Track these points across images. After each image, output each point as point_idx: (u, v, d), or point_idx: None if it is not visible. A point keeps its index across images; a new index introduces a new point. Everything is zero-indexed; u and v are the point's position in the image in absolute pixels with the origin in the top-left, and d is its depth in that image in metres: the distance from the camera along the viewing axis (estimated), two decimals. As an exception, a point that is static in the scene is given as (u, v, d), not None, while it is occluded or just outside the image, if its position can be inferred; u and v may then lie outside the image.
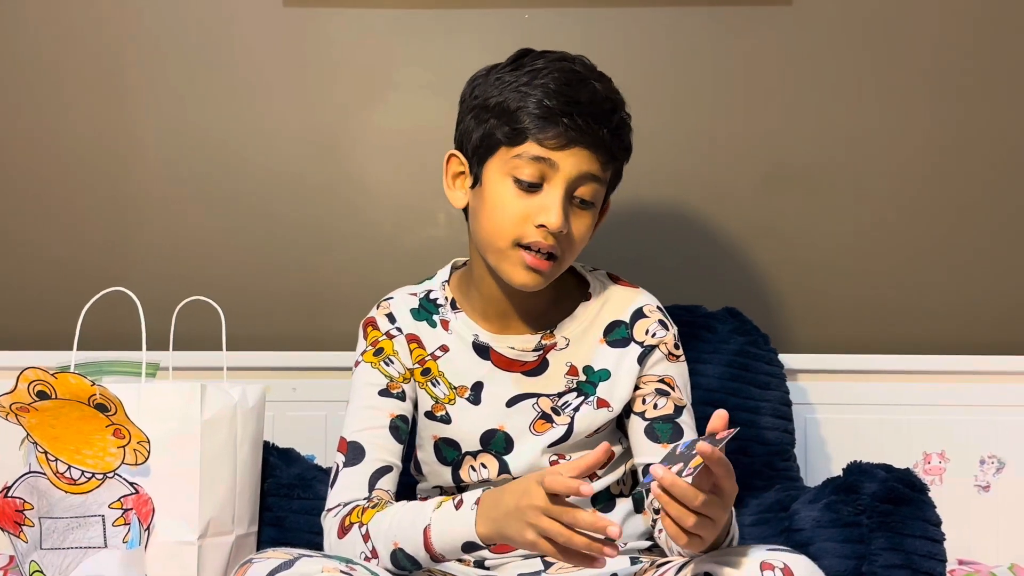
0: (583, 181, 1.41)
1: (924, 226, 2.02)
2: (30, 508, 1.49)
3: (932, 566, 1.52)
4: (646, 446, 1.47)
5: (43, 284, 2.00)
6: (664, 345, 1.50)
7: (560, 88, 1.40)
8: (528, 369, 1.49)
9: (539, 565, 1.47)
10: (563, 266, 1.44)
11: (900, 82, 2.01)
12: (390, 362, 1.50)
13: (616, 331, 1.51)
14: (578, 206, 1.42)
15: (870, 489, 1.54)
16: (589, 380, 1.49)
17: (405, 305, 1.54)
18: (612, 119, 1.42)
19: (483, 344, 1.50)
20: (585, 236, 1.44)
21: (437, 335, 1.51)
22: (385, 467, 1.46)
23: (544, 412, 1.48)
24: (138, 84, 2.01)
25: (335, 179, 2.03)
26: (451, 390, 1.50)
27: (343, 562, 1.28)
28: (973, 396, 1.97)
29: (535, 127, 1.39)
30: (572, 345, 1.50)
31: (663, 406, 1.48)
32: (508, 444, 1.48)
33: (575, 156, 1.40)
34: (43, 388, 1.43)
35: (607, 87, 1.45)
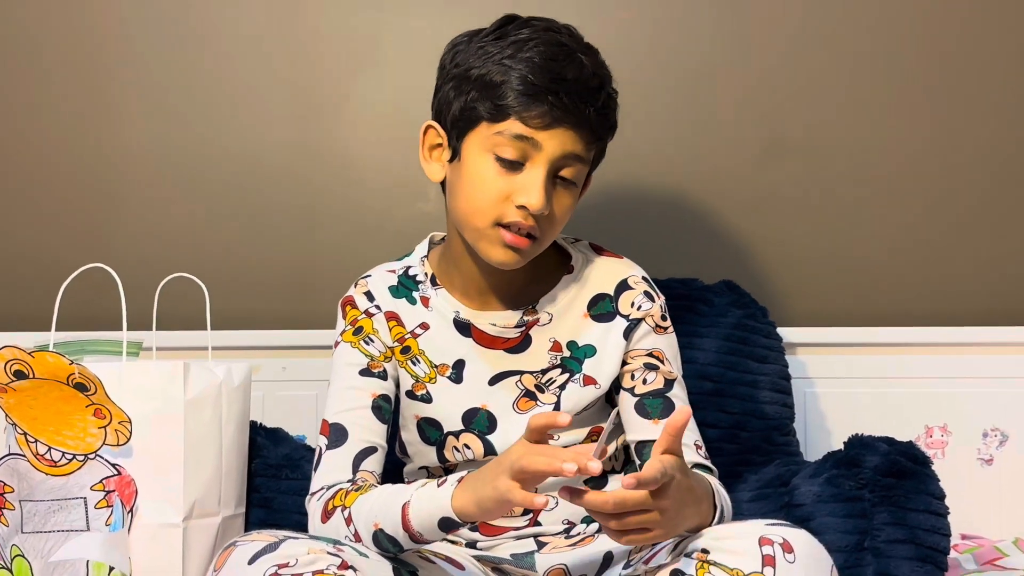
0: (567, 161, 1.37)
1: (922, 197, 2.00)
2: (10, 491, 1.46)
3: (936, 540, 1.50)
4: (637, 423, 1.44)
5: (21, 263, 1.97)
6: (651, 318, 1.46)
7: (545, 63, 1.36)
8: (511, 346, 1.46)
9: (532, 545, 1.44)
10: (543, 245, 1.41)
11: (899, 55, 1.99)
12: (370, 341, 1.47)
13: (600, 304, 1.47)
14: (560, 186, 1.38)
15: (872, 463, 1.52)
16: (574, 356, 1.46)
17: (383, 282, 1.50)
18: (599, 97, 1.38)
19: (464, 321, 1.46)
20: (566, 215, 1.40)
21: (417, 312, 1.48)
22: (369, 448, 1.42)
23: (528, 390, 1.45)
24: (118, 60, 1.98)
25: (322, 154, 2.00)
26: (432, 368, 1.46)
27: (330, 543, 1.25)
28: (975, 368, 1.95)
29: (519, 104, 1.35)
30: (556, 320, 1.46)
31: (652, 380, 1.45)
32: (491, 423, 1.45)
33: (559, 136, 1.36)
34: (20, 367, 1.41)
35: (594, 61, 1.40)
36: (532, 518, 1.44)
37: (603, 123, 1.39)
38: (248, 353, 1.88)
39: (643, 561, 1.32)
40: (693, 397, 1.58)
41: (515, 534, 1.45)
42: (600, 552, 1.42)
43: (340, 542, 1.27)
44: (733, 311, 1.79)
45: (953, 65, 1.99)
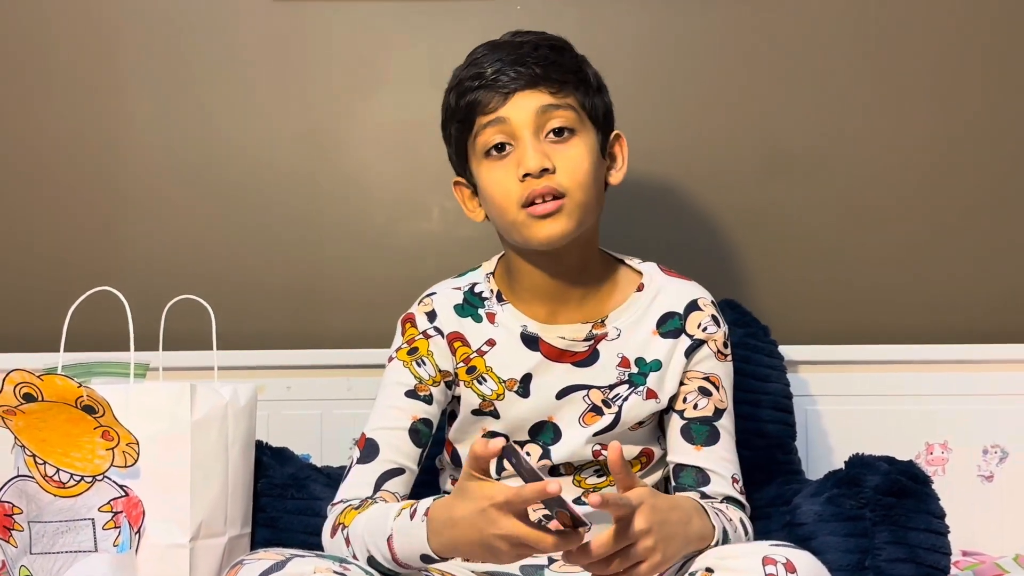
0: (542, 116, 1.40)
1: (925, 214, 2.01)
2: (19, 512, 1.47)
3: (936, 559, 1.50)
4: (680, 446, 1.46)
5: (30, 284, 1.99)
6: (714, 342, 1.48)
7: (483, 60, 1.43)
8: (578, 360, 1.47)
9: (543, 559, 1.45)
10: (580, 204, 1.40)
11: (901, 68, 2.00)
12: (422, 363, 1.47)
13: (669, 322, 1.49)
14: (555, 140, 1.40)
15: (873, 482, 1.52)
16: (641, 372, 1.47)
17: (448, 301, 1.50)
18: (538, 54, 1.41)
19: (532, 335, 1.47)
20: (583, 165, 1.40)
21: (483, 329, 1.48)
22: (396, 469, 1.43)
23: (595, 404, 1.46)
24: (127, 80, 1.99)
25: (327, 174, 2.01)
26: (500, 384, 1.47)
27: (336, 561, 1.26)
28: (975, 385, 1.96)
29: (474, 104, 1.41)
30: (624, 335, 1.47)
31: (703, 407, 1.46)
32: (556, 435, 1.46)
33: (520, 101, 1.40)
34: (29, 390, 1.41)
35: (531, 35, 1.45)
36: None
37: (558, 71, 1.41)
38: (253, 373, 1.89)
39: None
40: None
41: None
42: (609, 572, 1.43)
43: (346, 560, 1.29)
44: (735, 330, 1.79)
45: (957, 80, 2.00)
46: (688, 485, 1.44)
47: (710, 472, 1.45)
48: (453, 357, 1.47)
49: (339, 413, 1.91)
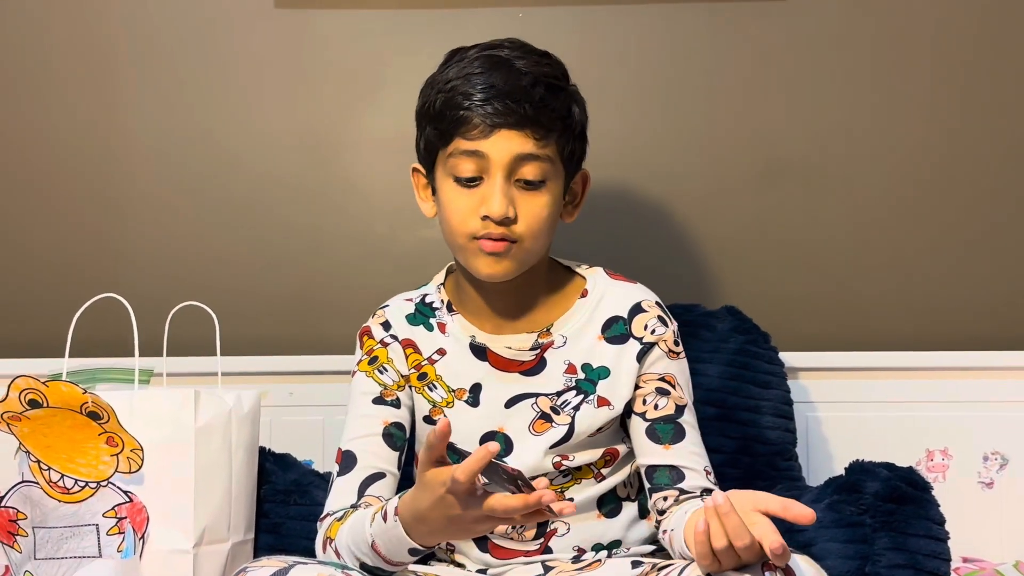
0: (520, 163, 1.40)
1: (925, 221, 2.02)
2: (24, 518, 1.48)
3: (936, 565, 1.51)
4: (648, 447, 1.46)
5: (35, 290, 2.00)
6: (664, 342, 1.49)
7: (476, 77, 1.40)
8: (526, 368, 1.48)
9: (539, 569, 1.46)
10: (529, 251, 1.42)
11: (897, 77, 2.01)
12: (384, 370, 1.50)
13: (614, 327, 1.49)
14: (524, 188, 1.41)
15: (873, 488, 1.53)
16: (588, 378, 1.48)
17: (401, 312, 1.53)
18: (533, 93, 1.39)
19: (480, 345, 1.49)
20: (543, 216, 1.42)
21: (434, 338, 1.50)
22: (377, 474, 1.45)
23: (543, 412, 1.47)
24: (129, 88, 2.00)
25: (328, 181, 2.02)
26: (449, 393, 1.49)
27: (339, 568, 1.27)
28: (976, 392, 1.96)
29: (458, 122, 1.40)
30: (570, 343, 1.49)
31: (664, 406, 1.47)
32: (508, 446, 1.47)
33: (502, 140, 1.39)
34: (35, 396, 1.42)
35: (530, 62, 1.42)
36: (543, 543, 1.47)
37: (548, 116, 1.40)
38: (256, 379, 1.90)
39: (650, 590, 1.35)
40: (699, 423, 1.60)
41: (524, 560, 1.47)
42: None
43: (348, 567, 1.30)
44: (735, 337, 1.81)
45: (955, 88, 2.01)
46: (664, 484, 1.45)
47: (683, 469, 1.45)
48: (406, 363, 1.50)
49: (341, 419, 1.88)
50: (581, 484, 1.48)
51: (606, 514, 1.49)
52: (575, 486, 1.47)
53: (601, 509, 1.49)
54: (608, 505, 1.49)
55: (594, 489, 1.48)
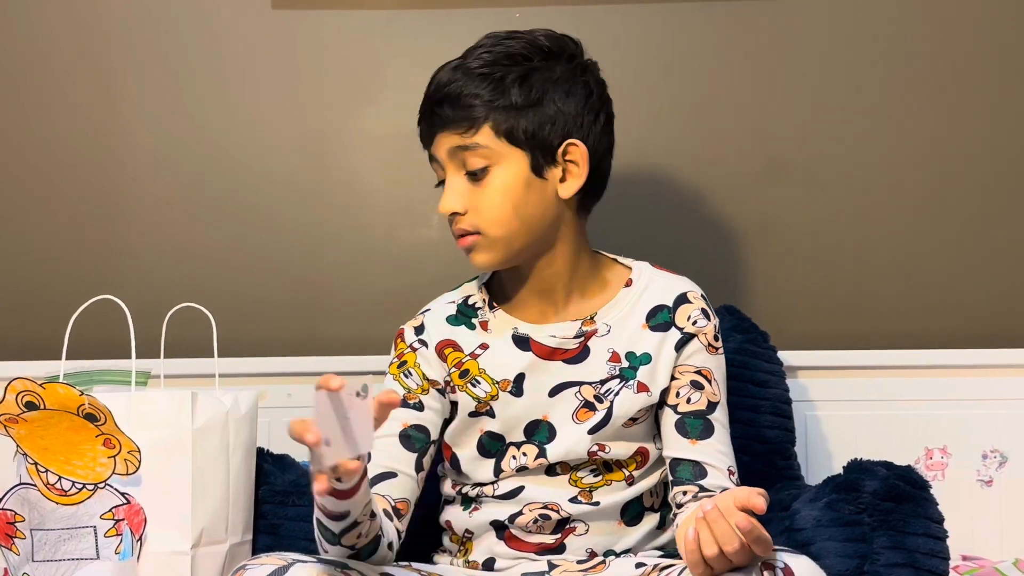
0: (458, 157, 1.45)
1: (923, 221, 2.02)
2: (21, 520, 1.48)
3: (935, 564, 1.51)
4: (675, 440, 1.47)
5: (31, 292, 2.00)
6: (704, 335, 1.49)
7: (428, 89, 1.49)
8: (569, 357, 1.48)
9: (544, 567, 1.47)
10: (500, 238, 1.44)
11: (899, 75, 2.01)
12: (409, 375, 1.52)
13: (659, 315, 1.50)
14: (470, 180, 1.44)
15: (871, 487, 1.53)
16: (631, 366, 1.48)
17: (441, 314, 1.54)
18: (453, 94, 1.44)
19: (523, 336, 1.49)
20: (495, 202, 1.43)
21: (476, 336, 1.51)
22: (387, 472, 1.46)
23: (587, 400, 1.47)
24: (127, 89, 2.01)
25: (326, 182, 2.02)
26: (493, 385, 1.49)
27: (339, 567, 1.27)
28: (974, 390, 1.97)
29: (420, 136, 1.51)
30: (614, 331, 1.49)
31: (696, 401, 1.48)
32: (551, 434, 1.48)
33: (439, 142, 1.46)
34: (31, 399, 1.42)
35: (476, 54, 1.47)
36: (560, 539, 1.47)
37: (465, 107, 1.43)
38: (254, 380, 1.90)
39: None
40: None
41: (533, 555, 1.48)
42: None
43: (348, 565, 1.29)
44: (734, 336, 1.81)
45: (958, 88, 2.01)
46: (685, 479, 1.45)
47: (706, 465, 1.46)
48: (444, 364, 1.50)
49: None
50: (611, 486, 1.48)
51: (627, 522, 1.49)
52: (604, 487, 1.47)
53: (624, 516, 1.49)
54: (631, 513, 1.49)
55: (622, 494, 1.48)
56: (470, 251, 1.45)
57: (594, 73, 1.51)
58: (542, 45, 1.47)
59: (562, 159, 1.45)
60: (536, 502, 1.46)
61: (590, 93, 1.48)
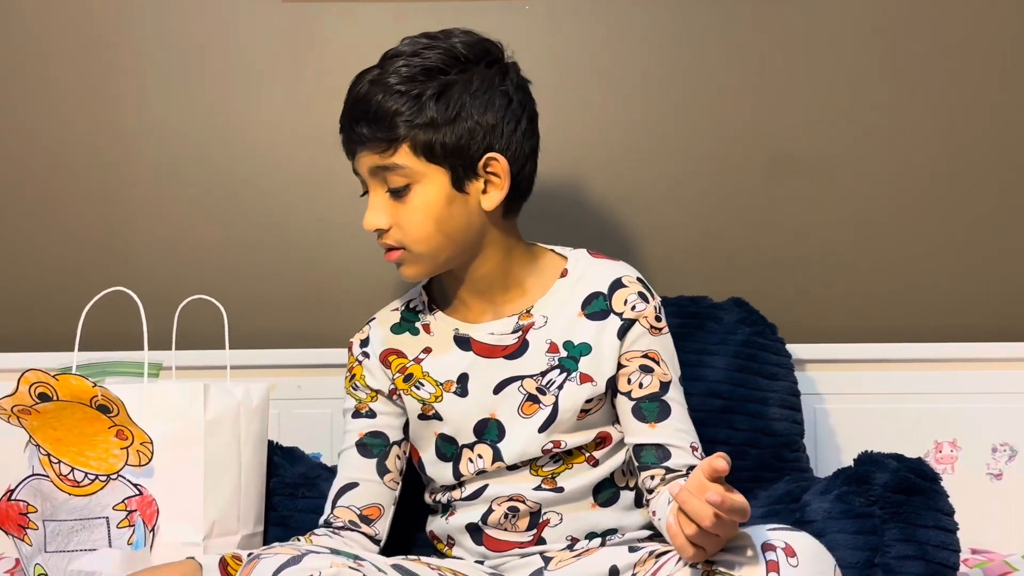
0: (379, 175, 1.44)
1: (931, 215, 2.02)
2: (34, 511, 1.49)
3: (946, 556, 1.51)
4: (635, 426, 1.47)
5: (43, 285, 2.00)
6: (645, 319, 1.49)
7: (346, 101, 1.48)
8: (509, 352, 1.49)
9: (539, 562, 1.48)
10: (425, 254, 1.45)
11: (903, 72, 2.01)
12: (356, 387, 1.56)
13: (594, 303, 1.50)
14: (395, 197, 1.44)
15: (882, 479, 1.53)
16: (570, 355, 1.49)
17: (386, 324, 1.57)
18: (369, 111, 1.43)
19: (463, 335, 1.51)
20: (417, 219, 1.43)
21: (420, 341, 1.53)
22: (350, 484, 1.52)
23: (530, 393, 1.48)
24: (135, 82, 2.01)
25: (333, 175, 2.02)
26: (437, 387, 1.50)
27: (351, 558, 1.28)
28: (984, 384, 1.97)
29: (343, 146, 1.49)
30: (551, 322, 1.50)
31: (648, 384, 1.48)
32: (500, 432, 1.48)
33: (360, 159, 1.46)
34: (44, 390, 1.43)
35: (388, 66, 1.45)
36: (536, 534, 1.48)
37: (382, 127, 1.42)
38: (264, 372, 1.90)
39: (650, 573, 1.35)
40: (702, 414, 1.61)
41: (519, 551, 1.48)
42: (606, 565, 1.45)
43: (360, 556, 1.30)
44: (742, 328, 1.81)
45: (965, 83, 2.01)
46: (651, 463, 1.46)
47: (669, 446, 1.46)
48: (388, 371, 1.53)
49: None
50: (574, 469, 1.48)
51: (601, 503, 1.50)
52: (567, 471, 1.48)
53: (597, 498, 1.49)
54: (605, 493, 1.50)
55: (589, 476, 1.48)
56: (398, 265, 1.47)
57: (514, 77, 1.48)
58: (459, 54, 1.45)
59: (483, 171, 1.44)
60: (501, 496, 1.47)
61: (509, 101, 1.45)
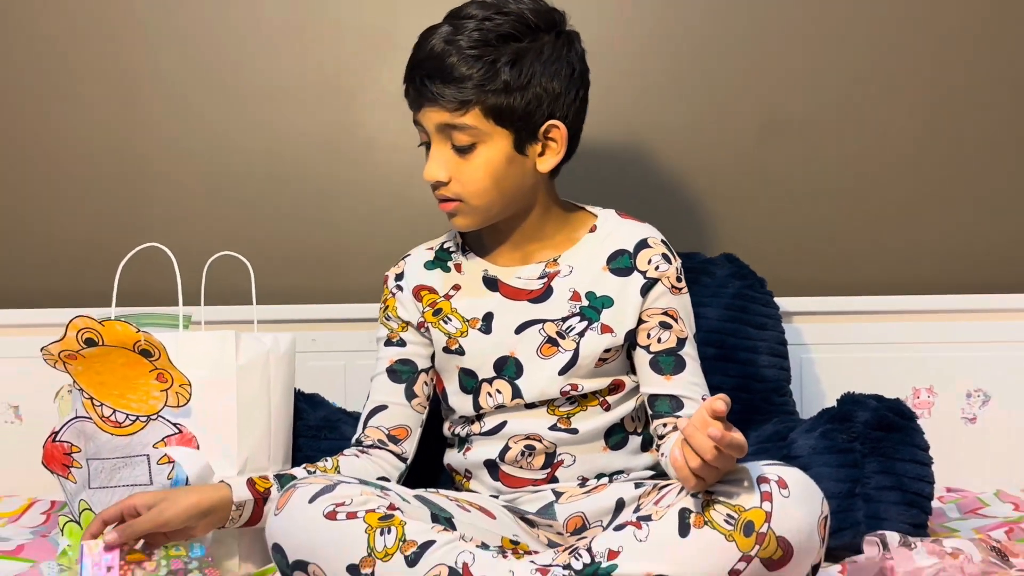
0: (445, 132, 1.51)
1: (911, 175, 2.08)
2: (77, 451, 1.57)
3: (920, 487, 1.62)
4: (651, 377, 1.57)
5: (78, 246, 2.08)
6: (667, 278, 1.58)
7: (414, 53, 1.53)
8: (534, 297, 1.59)
9: (551, 496, 1.57)
10: (480, 207, 1.53)
11: (894, 32, 2.07)
12: (389, 317, 1.65)
13: (619, 259, 1.59)
14: (458, 152, 1.52)
15: (863, 418, 1.63)
16: (592, 306, 1.58)
17: (419, 260, 1.66)
18: (444, 71, 1.49)
19: (492, 277, 1.60)
20: (479, 176, 1.52)
21: (450, 278, 1.62)
22: (380, 406, 1.62)
23: (550, 336, 1.57)
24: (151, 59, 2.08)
25: (344, 136, 2.09)
26: (464, 323, 1.60)
27: (377, 488, 1.39)
28: (959, 333, 2.04)
29: (405, 96, 1.55)
30: (575, 272, 1.59)
31: (666, 340, 1.57)
32: (519, 369, 1.57)
33: (427, 114, 1.52)
34: (91, 336, 1.50)
35: (465, 29, 1.49)
36: (550, 472, 1.57)
37: (457, 88, 1.48)
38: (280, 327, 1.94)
39: (653, 503, 1.44)
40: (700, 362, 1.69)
41: (533, 488, 1.58)
42: (613, 498, 1.54)
43: (386, 487, 1.41)
44: (733, 282, 1.89)
45: (948, 45, 2.07)
46: (664, 412, 1.55)
47: (682, 398, 1.56)
48: (420, 304, 1.62)
49: (363, 363, 1.94)
50: (588, 412, 1.57)
51: (612, 446, 1.59)
52: (581, 413, 1.57)
53: (608, 441, 1.59)
54: (615, 437, 1.59)
55: (602, 419, 1.58)
56: (452, 215, 1.55)
57: (576, 47, 1.56)
58: (529, 21, 1.51)
59: (543, 136, 1.54)
60: (519, 435, 1.56)
61: (573, 71, 1.54)
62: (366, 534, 1.33)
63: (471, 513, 1.50)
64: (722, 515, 1.32)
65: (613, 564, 1.33)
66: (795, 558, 1.32)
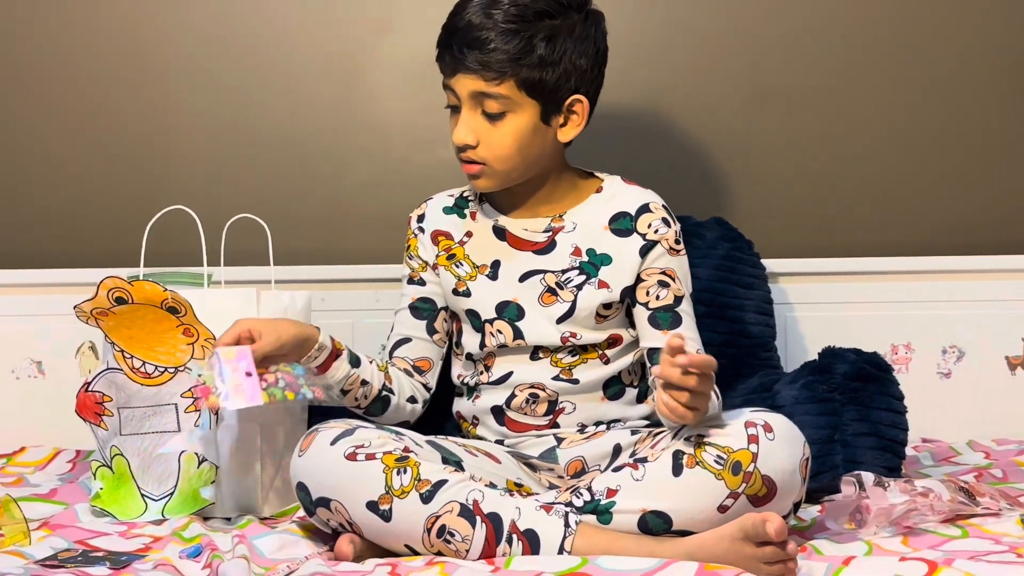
0: (478, 99, 1.60)
1: (890, 141, 2.17)
2: (109, 400, 1.67)
3: (895, 434, 1.72)
4: (650, 332, 1.66)
5: (104, 209, 2.15)
6: (666, 241, 1.68)
7: (450, 21, 1.61)
8: (538, 248, 1.69)
9: (552, 441, 1.67)
10: (502, 171, 1.62)
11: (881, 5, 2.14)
12: (411, 257, 1.76)
13: (621, 221, 1.69)
14: (486, 119, 1.60)
15: (842, 369, 1.73)
16: (591, 261, 1.67)
17: (439, 204, 1.76)
18: (482, 42, 1.56)
19: (501, 227, 1.71)
20: (505, 143, 1.60)
21: (465, 224, 1.73)
22: (404, 339, 1.73)
23: (550, 286, 1.67)
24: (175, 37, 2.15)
25: (352, 105, 2.16)
26: (473, 268, 1.70)
27: (392, 432, 1.50)
28: (936, 293, 2.13)
29: (438, 60, 1.62)
30: (579, 229, 1.69)
31: (664, 297, 1.67)
32: (520, 313, 1.67)
33: (460, 81, 1.60)
34: (121, 294, 1.60)
35: (490, 5, 1.57)
36: (552, 419, 1.67)
37: (496, 60, 1.56)
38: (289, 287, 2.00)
39: (649, 447, 1.55)
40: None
41: (536, 433, 1.68)
42: (611, 443, 1.65)
43: (401, 432, 1.52)
44: (722, 244, 1.97)
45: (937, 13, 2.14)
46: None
47: None
48: (436, 247, 1.73)
49: (369, 323, 2.09)
50: (588, 364, 1.67)
51: (610, 397, 1.69)
52: (582, 365, 1.67)
53: (606, 392, 1.69)
54: (613, 388, 1.69)
55: (601, 371, 1.67)
56: (475, 177, 1.64)
57: (601, 26, 1.66)
58: (562, 0, 1.60)
59: (567, 109, 1.64)
60: (524, 383, 1.66)
61: (598, 50, 1.64)
62: (384, 473, 1.44)
63: (478, 458, 1.61)
64: (712, 456, 1.43)
65: (611, 501, 1.44)
66: (778, 495, 1.43)
